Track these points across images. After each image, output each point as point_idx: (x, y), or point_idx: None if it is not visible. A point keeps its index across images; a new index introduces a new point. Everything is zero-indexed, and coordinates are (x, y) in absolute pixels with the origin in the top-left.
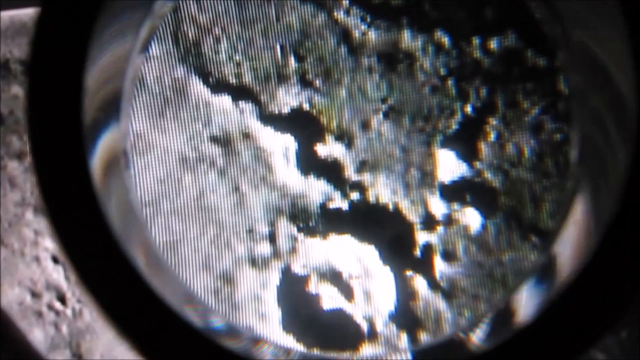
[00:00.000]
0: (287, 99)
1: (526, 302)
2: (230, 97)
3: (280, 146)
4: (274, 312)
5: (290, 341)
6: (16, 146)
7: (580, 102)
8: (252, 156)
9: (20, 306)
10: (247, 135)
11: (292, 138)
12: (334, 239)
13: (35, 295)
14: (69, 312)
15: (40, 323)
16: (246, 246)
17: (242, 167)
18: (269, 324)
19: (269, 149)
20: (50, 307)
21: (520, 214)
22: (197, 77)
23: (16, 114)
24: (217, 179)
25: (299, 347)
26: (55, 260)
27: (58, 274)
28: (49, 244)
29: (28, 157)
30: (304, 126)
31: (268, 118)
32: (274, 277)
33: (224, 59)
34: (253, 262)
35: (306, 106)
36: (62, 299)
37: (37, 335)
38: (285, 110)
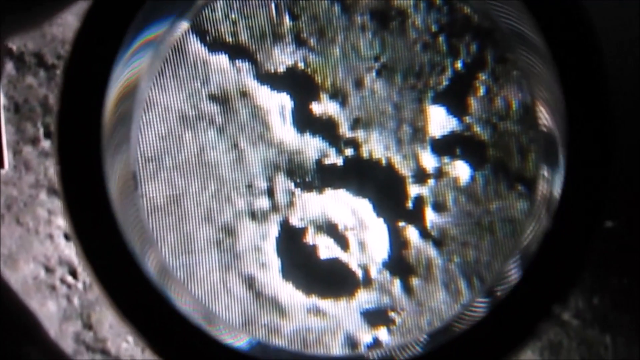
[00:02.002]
0: (283, 57)
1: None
2: (227, 55)
3: (276, 104)
4: (274, 262)
5: (289, 289)
6: (30, 132)
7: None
8: (250, 114)
9: (35, 280)
10: (244, 94)
11: (288, 97)
12: (330, 193)
13: (48, 270)
14: (80, 285)
15: (54, 296)
16: (246, 200)
17: (240, 125)
18: (269, 272)
19: (265, 107)
20: (63, 281)
21: (507, 164)
22: (194, 35)
23: (30, 102)
24: (216, 136)
25: (299, 297)
26: (67, 237)
27: (70, 250)
28: (61, 223)
29: (41, 142)
30: (299, 85)
31: (264, 77)
32: (273, 229)
33: (220, 16)
34: (253, 215)
35: (301, 65)
36: (73, 274)
37: (51, 307)
38: (281, 69)
